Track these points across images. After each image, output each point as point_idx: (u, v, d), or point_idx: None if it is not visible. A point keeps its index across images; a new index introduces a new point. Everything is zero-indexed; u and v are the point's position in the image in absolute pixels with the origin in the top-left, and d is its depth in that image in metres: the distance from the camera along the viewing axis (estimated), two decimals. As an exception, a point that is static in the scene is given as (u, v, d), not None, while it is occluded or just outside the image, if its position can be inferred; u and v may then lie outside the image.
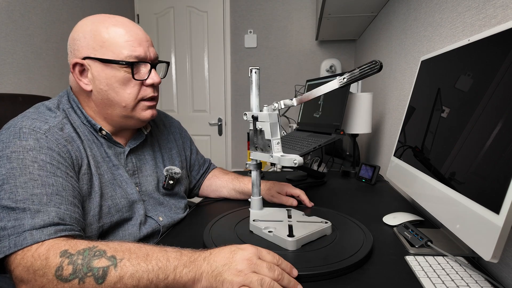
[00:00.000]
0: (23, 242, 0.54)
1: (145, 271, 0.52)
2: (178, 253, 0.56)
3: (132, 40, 0.73)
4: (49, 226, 0.57)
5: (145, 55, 0.75)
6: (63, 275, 0.51)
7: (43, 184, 0.61)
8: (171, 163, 0.95)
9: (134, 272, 0.52)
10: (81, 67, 0.74)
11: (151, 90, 0.79)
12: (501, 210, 0.45)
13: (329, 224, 0.77)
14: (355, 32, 2.31)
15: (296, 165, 0.69)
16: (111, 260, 0.53)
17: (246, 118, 0.79)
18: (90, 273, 0.51)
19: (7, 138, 0.64)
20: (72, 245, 0.55)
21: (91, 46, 0.72)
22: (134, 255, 0.54)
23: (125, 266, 0.52)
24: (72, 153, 0.69)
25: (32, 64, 1.76)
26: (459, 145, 0.61)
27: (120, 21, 0.74)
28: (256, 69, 0.77)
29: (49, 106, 0.74)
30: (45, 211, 0.58)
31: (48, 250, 0.54)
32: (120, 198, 0.76)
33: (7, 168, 0.60)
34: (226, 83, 2.80)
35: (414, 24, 1.24)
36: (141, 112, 0.79)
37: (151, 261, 0.53)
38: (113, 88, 0.74)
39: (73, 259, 0.52)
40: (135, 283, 0.52)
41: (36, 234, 0.55)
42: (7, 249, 0.54)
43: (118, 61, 0.72)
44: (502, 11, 0.67)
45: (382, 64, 0.61)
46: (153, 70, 0.78)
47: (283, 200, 0.98)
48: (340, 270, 0.60)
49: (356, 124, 1.42)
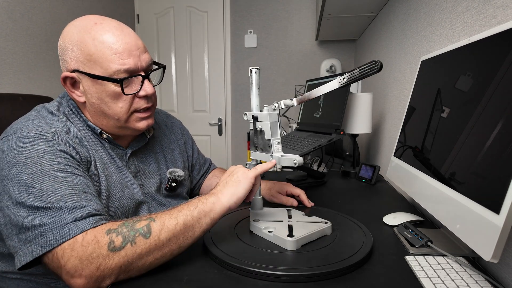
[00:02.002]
0: (70, 233, 0.56)
1: (177, 211, 0.64)
2: (196, 198, 0.69)
3: (121, 51, 0.69)
4: (89, 217, 0.59)
5: (135, 66, 0.71)
6: (116, 246, 0.57)
7: (70, 185, 0.62)
8: (174, 164, 0.94)
9: (170, 215, 0.62)
10: (71, 79, 0.72)
11: (144, 101, 0.75)
12: (501, 210, 0.45)
13: (329, 224, 0.77)
14: (355, 32, 2.31)
15: (296, 165, 0.69)
16: (149, 219, 0.62)
17: (246, 118, 0.79)
18: (137, 233, 0.58)
19: (16, 144, 0.63)
20: (111, 224, 0.60)
21: (79, 59, 0.69)
22: (163, 211, 0.64)
23: (161, 216, 0.62)
24: (81, 154, 0.69)
25: (32, 64, 1.76)
26: (459, 145, 0.61)
27: (107, 29, 0.69)
28: (256, 69, 0.77)
29: (50, 109, 0.73)
30: (81, 206, 0.60)
31: (94, 236, 0.57)
32: (127, 199, 0.77)
33: (28, 173, 0.60)
34: (226, 83, 2.80)
35: (414, 24, 1.24)
36: (135, 123, 0.77)
37: (177, 206, 0.66)
38: (105, 102, 0.72)
39: (119, 231, 0.58)
40: (175, 222, 0.61)
41: (80, 224, 0.57)
42: (54, 242, 0.55)
43: (106, 77, 0.69)
44: (502, 11, 0.67)
45: (382, 64, 0.61)
46: (146, 81, 0.73)
47: (283, 200, 0.98)
48: (340, 270, 0.60)
49: (356, 124, 1.42)
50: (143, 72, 0.73)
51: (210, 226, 0.66)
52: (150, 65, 0.76)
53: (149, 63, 0.75)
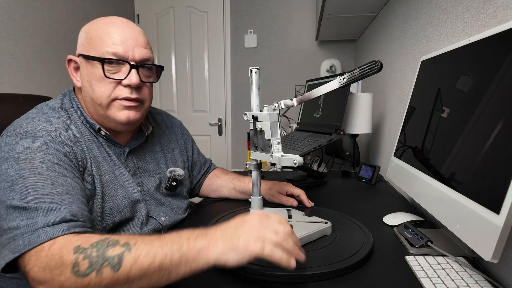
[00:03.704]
0: (37, 240, 0.54)
1: (159, 246, 0.52)
2: (189, 230, 0.56)
3: (116, 38, 0.72)
4: (62, 223, 0.57)
5: (125, 53, 0.72)
6: (80, 271, 0.51)
7: (53, 184, 0.61)
8: (174, 163, 0.94)
9: (148, 250, 0.52)
10: (75, 63, 0.76)
11: (127, 90, 0.74)
12: (501, 210, 0.45)
13: (329, 224, 0.77)
14: (355, 32, 2.31)
15: (296, 165, 0.69)
16: (125, 246, 0.53)
17: (246, 118, 0.79)
18: (106, 262, 0.51)
19: (13, 140, 0.64)
20: (84, 240, 0.54)
21: (83, 43, 0.74)
22: (147, 239, 0.55)
23: (139, 248, 0.52)
24: (77, 154, 0.69)
25: (32, 64, 1.76)
26: (459, 145, 0.61)
27: (113, 21, 0.74)
28: (256, 69, 0.77)
29: (53, 106, 0.74)
30: (57, 209, 0.58)
31: (61, 249, 0.53)
32: (121, 198, 0.76)
33: (15, 169, 0.60)
34: (226, 83, 2.80)
35: (414, 24, 1.24)
36: (116, 112, 0.75)
37: (164, 238, 0.54)
38: (91, 84, 0.74)
39: (88, 253, 0.52)
40: (151, 260, 0.51)
41: (50, 231, 0.55)
42: (21, 248, 0.54)
43: (93, 57, 0.72)
44: (502, 11, 0.67)
45: (382, 64, 0.61)
46: (133, 71, 0.74)
47: (283, 200, 0.98)
48: (340, 270, 0.60)
49: (356, 124, 1.42)
50: (133, 62, 0.74)
51: (189, 275, 0.53)
52: (144, 61, 0.76)
53: (143, 58, 0.75)
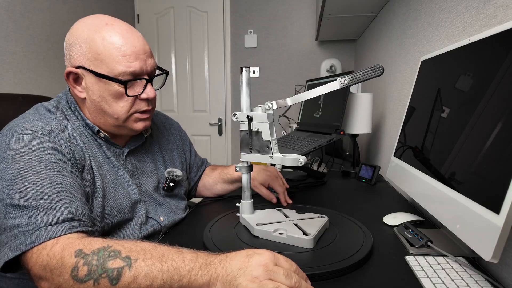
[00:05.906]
0: (39, 238, 0.55)
1: (160, 271, 0.51)
2: (194, 255, 0.54)
3: (128, 54, 0.70)
4: (63, 222, 0.57)
5: (141, 70, 0.72)
6: (78, 276, 0.51)
7: (52, 183, 0.61)
8: (172, 165, 0.95)
9: (148, 272, 0.51)
10: (75, 75, 0.73)
11: (145, 104, 0.76)
12: (501, 210, 0.45)
13: (326, 218, 0.79)
14: (355, 32, 2.31)
15: (302, 164, 0.68)
16: (125, 260, 0.52)
17: (236, 119, 0.75)
18: (104, 274, 0.51)
19: (9, 139, 0.64)
20: (86, 244, 0.54)
21: (86, 56, 0.70)
22: (149, 255, 0.53)
23: (139, 266, 0.51)
24: (75, 153, 0.69)
25: (33, 64, 1.76)
26: (459, 145, 0.61)
27: (117, 30, 0.71)
28: (246, 67, 0.75)
29: (48, 107, 0.74)
30: (58, 208, 0.58)
31: (63, 250, 0.53)
32: (122, 198, 0.76)
33: (13, 168, 0.60)
34: (226, 83, 2.80)
35: (414, 24, 1.24)
36: (133, 124, 0.77)
37: (166, 261, 0.52)
38: (106, 100, 0.73)
39: (88, 260, 0.52)
40: (149, 283, 0.51)
41: (52, 230, 0.55)
42: (23, 246, 0.55)
43: (111, 77, 0.70)
44: (502, 11, 0.67)
45: (383, 69, 0.62)
46: (148, 84, 0.75)
47: (264, 193, 1.00)
48: (340, 270, 0.60)
49: (356, 124, 1.42)
50: (147, 76, 0.75)
51: None
52: (154, 70, 0.77)
53: (153, 67, 0.76)
